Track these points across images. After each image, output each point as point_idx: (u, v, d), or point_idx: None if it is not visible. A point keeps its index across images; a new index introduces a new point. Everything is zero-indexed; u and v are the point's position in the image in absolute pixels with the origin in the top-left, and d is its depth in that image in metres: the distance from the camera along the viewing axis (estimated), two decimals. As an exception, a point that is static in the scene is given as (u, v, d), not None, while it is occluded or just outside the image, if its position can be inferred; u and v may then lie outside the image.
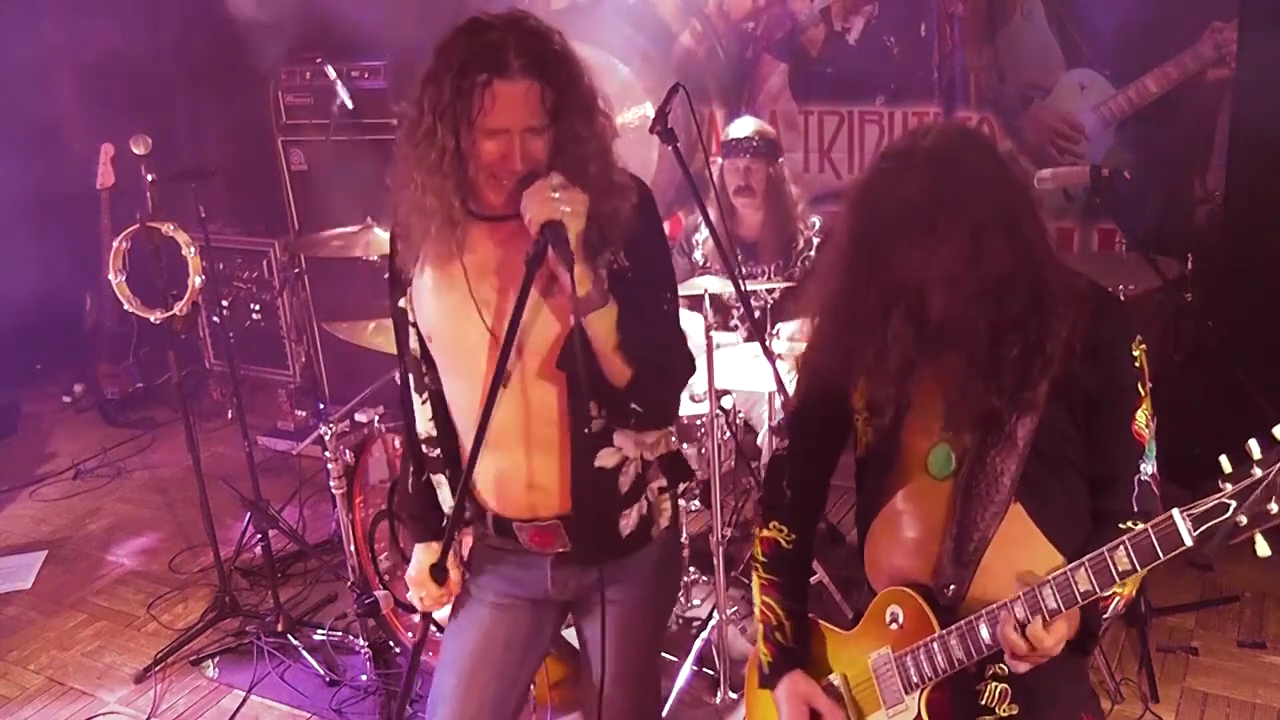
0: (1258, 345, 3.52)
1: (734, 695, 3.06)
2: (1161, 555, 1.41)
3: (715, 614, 3.06)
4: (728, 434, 3.29)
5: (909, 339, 1.56)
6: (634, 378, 1.75)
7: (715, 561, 3.05)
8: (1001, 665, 1.63)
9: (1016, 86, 3.87)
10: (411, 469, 2.04)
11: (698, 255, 3.70)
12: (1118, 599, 1.56)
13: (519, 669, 2.01)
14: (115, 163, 4.94)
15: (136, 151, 3.24)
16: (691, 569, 3.36)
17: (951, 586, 1.64)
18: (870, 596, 1.76)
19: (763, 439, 3.41)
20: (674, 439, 2.00)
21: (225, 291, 4.87)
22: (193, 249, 3.29)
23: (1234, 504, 1.35)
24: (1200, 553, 1.41)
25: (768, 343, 2.85)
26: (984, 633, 1.58)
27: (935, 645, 1.63)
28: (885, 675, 1.72)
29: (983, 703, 1.67)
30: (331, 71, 4.03)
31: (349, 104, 4.14)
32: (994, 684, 1.67)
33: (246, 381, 4.77)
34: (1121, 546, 1.44)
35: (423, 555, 2.03)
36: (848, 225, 1.61)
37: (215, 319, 4.65)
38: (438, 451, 1.99)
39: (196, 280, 3.28)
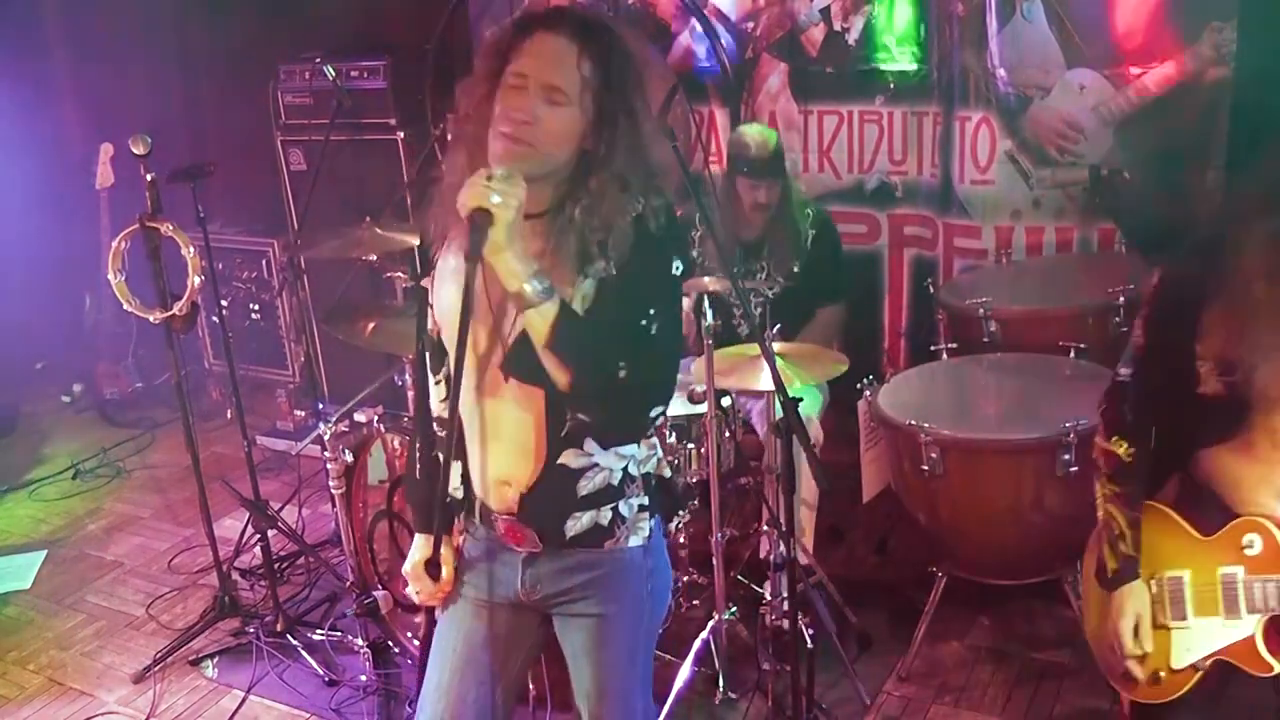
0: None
1: (733, 695, 3.06)
2: None
3: (714, 614, 3.06)
4: (727, 434, 3.29)
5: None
6: (572, 383, 1.69)
7: (715, 561, 3.05)
8: None
9: (1016, 86, 3.86)
10: (419, 454, 2.01)
11: (694, 253, 3.70)
12: None
13: (501, 670, 1.99)
14: (115, 163, 4.95)
15: (136, 151, 3.23)
16: (691, 569, 3.36)
17: None
18: (1217, 505, 1.95)
19: (763, 439, 3.41)
20: (663, 464, 1.95)
21: (224, 291, 4.86)
22: (192, 249, 3.29)
23: None
24: None
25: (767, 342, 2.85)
26: None
27: None
28: (1230, 591, 1.93)
29: None
30: (330, 71, 4.01)
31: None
32: None
33: (246, 381, 4.76)
34: None
35: (421, 547, 2.01)
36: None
37: (214, 319, 4.65)
38: (445, 432, 1.98)
39: (195, 280, 3.27)
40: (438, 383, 1.97)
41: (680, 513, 3.19)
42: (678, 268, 1.76)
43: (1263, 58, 3.47)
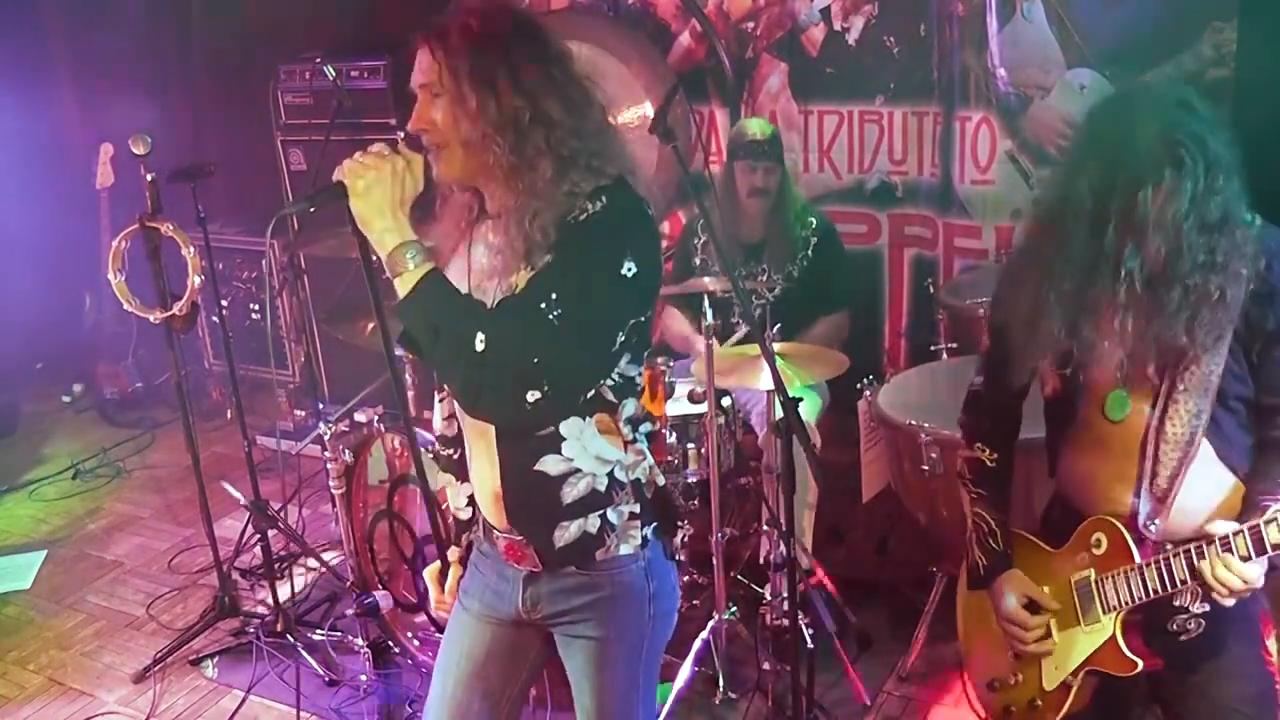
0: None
1: (733, 695, 3.07)
2: None
3: (714, 614, 3.06)
4: (728, 434, 3.29)
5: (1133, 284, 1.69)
6: (427, 343, 1.69)
7: (715, 561, 3.05)
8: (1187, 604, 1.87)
9: (1017, 86, 3.86)
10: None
11: (695, 259, 3.70)
12: None
13: (504, 682, 1.98)
14: (115, 162, 4.95)
15: (136, 151, 3.23)
16: (691, 569, 3.36)
17: (1155, 522, 1.84)
18: (1066, 513, 1.99)
19: (762, 440, 3.41)
20: (655, 472, 1.90)
21: (224, 291, 4.86)
22: (192, 249, 3.29)
23: None
24: None
25: (767, 343, 2.85)
26: (1180, 568, 1.78)
27: (1133, 574, 1.85)
28: (1085, 596, 1.93)
29: (1172, 629, 1.90)
30: (331, 71, 4.01)
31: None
32: (1180, 617, 1.89)
33: (246, 381, 4.76)
34: None
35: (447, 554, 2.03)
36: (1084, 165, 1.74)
37: (214, 319, 4.64)
38: (449, 452, 1.98)
39: (195, 280, 3.28)
40: (441, 399, 1.97)
41: (681, 524, 3.16)
42: (630, 270, 1.66)
43: (1263, 58, 3.47)
